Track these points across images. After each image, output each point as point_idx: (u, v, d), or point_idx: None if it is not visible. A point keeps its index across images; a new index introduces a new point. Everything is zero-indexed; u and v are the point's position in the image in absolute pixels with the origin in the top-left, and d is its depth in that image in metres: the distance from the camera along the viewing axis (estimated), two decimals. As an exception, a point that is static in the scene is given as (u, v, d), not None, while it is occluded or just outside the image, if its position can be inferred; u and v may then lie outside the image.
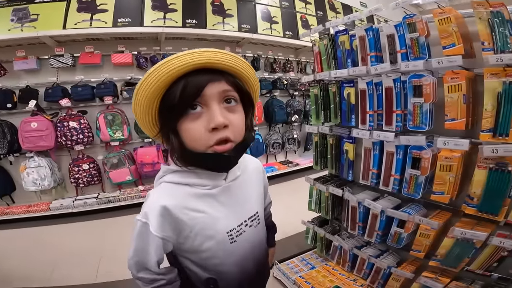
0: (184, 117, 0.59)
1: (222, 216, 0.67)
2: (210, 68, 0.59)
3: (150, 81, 0.57)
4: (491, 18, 0.87)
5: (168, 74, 0.56)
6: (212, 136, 0.58)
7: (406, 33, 1.10)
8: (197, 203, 0.65)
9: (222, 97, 0.60)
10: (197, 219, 0.64)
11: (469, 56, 0.98)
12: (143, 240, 0.63)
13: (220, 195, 0.67)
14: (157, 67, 0.56)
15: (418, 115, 1.07)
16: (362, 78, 1.33)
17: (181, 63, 0.56)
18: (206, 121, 0.58)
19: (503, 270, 1.07)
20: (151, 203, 0.63)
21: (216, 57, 0.59)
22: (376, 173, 1.38)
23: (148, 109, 0.61)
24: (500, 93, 0.86)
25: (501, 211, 0.98)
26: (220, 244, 0.66)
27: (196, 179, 0.65)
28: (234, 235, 0.68)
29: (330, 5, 4.78)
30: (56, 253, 2.38)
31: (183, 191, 0.65)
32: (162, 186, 0.66)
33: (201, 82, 0.58)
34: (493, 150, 0.86)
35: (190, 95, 0.57)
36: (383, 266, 1.45)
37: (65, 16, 2.92)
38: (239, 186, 0.71)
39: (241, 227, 0.70)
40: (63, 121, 2.99)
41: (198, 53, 0.57)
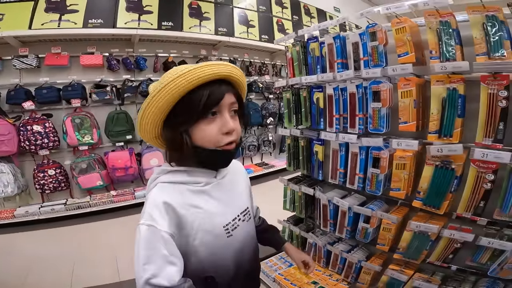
0: (202, 119, 0.67)
1: (218, 211, 0.72)
2: (224, 79, 0.69)
3: (180, 82, 0.63)
4: (439, 28, 0.97)
5: (199, 78, 0.63)
6: (224, 138, 0.68)
7: (368, 41, 1.19)
8: (194, 199, 0.69)
9: (231, 107, 0.70)
10: (196, 214, 0.68)
11: (421, 64, 1.08)
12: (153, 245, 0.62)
13: (213, 191, 0.73)
14: (188, 71, 0.63)
15: (377, 119, 1.17)
16: (329, 84, 1.41)
17: (211, 71, 0.64)
18: (219, 125, 0.67)
19: (460, 261, 1.15)
20: (153, 202, 0.66)
21: (232, 71, 0.70)
22: (343, 172, 1.46)
23: (167, 108, 0.66)
24: (445, 98, 0.97)
25: (443, 205, 1.08)
26: (218, 239, 0.71)
27: (190, 177, 0.71)
28: (230, 228, 0.73)
29: (306, 10, 4.95)
30: (27, 260, 2.28)
31: (180, 188, 0.69)
32: (159, 186, 0.70)
33: (222, 92, 0.67)
34: (438, 150, 0.97)
35: (213, 102, 0.66)
36: (354, 260, 1.52)
37: (31, 16, 2.79)
38: (228, 183, 0.78)
39: (235, 221, 0.75)
40: (27, 125, 2.83)
41: (222, 65, 0.67)
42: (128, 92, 3.29)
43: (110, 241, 2.62)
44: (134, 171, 3.27)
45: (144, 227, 0.63)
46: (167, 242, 0.63)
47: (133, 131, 3.37)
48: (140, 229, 0.64)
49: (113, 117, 3.23)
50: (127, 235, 2.71)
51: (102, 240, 2.67)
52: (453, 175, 1.02)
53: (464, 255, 1.13)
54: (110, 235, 2.74)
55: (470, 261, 1.11)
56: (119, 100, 3.28)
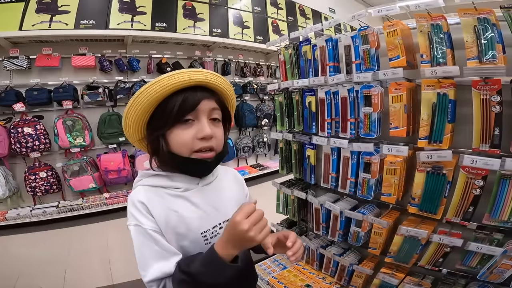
0: (177, 125, 0.67)
1: (195, 217, 0.71)
2: (204, 86, 0.70)
3: (155, 88, 0.65)
4: (430, 31, 0.96)
5: (173, 85, 0.65)
6: (199, 143, 0.67)
7: (360, 44, 1.18)
8: (172, 203, 0.70)
9: (210, 114, 0.70)
10: (170, 216, 0.68)
11: (412, 68, 1.07)
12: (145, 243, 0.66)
13: (192, 196, 0.72)
14: (164, 77, 0.65)
15: (368, 123, 1.16)
16: (321, 88, 1.40)
17: (186, 78, 0.66)
18: (195, 131, 0.67)
19: (451, 265, 1.15)
20: (131, 203, 0.68)
21: (211, 78, 0.70)
22: (335, 176, 1.45)
23: (145, 113, 0.68)
24: (435, 104, 0.96)
25: (439, 210, 1.08)
26: (194, 245, 0.70)
27: (169, 182, 0.71)
28: (208, 236, 0.72)
29: (301, 11, 4.95)
30: (18, 264, 2.24)
31: (159, 192, 0.70)
32: (139, 188, 0.72)
33: (198, 98, 0.67)
34: (428, 156, 0.96)
35: (188, 108, 0.66)
36: (346, 263, 1.52)
37: (22, 17, 2.76)
38: (213, 190, 0.76)
39: (215, 229, 0.73)
40: (17, 127, 2.78)
41: (197, 72, 0.68)
42: (121, 94, 3.25)
43: (103, 244, 2.59)
44: (127, 173, 3.24)
45: (132, 227, 0.67)
46: (156, 238, 0.66)
47: (126, 133, 3.33)
48: (130, 229, 0.68)
49: (106, 119, 3.19)
50: (120, 237, 2.68)
51: (95, 243, 2.64)
52: (445, 180, 1.01)
53: (454, 259, 1.13)
54: (103, 238, 2.71)
55: (460, 265, 1.11)
56: (111, 101, 3.24)
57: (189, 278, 0.61)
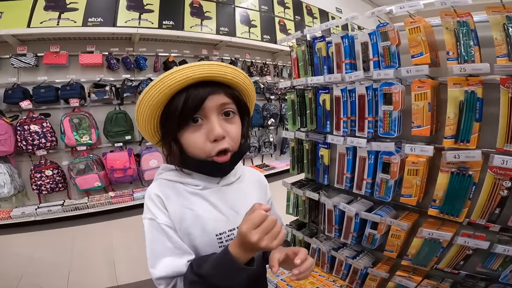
0: (185, 128, 0.63)
1: (211, 217, 0.67)
2: (210, 80, 0.63)
3: (152, 94, 0.60)
4: (457, 28, 0.93)
5: (170, 87, 0.59)
6: (213, 147, 0.62)
7: (379, 41, 1.15)
8: (189, 199, 0.67)
9: (221, 109, 0.64)
10: (185, 213, 0.65)
11: (435, 65, 1.04)
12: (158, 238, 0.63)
13: (210, 196, 0.68)
14: (159, 80, 0.60)
15: (388, 122, 1.12)
16: (337, 85, 1.37)
17: (182, 77, 0.59)
18: (206, 132, 0.62)
19: (471, 267, 1.12)
20: (148, 196, 0.66)
21: (216, 70, 0.62)
22: (349, 177, 1.42)
23: (150, 119, 0.65)
24: (462, 102, 0.92)
25: (462, 212, 1.04)
26: (208, 246, 0.66)
27: (189, 179, 0.68)
28: (223, 239, 0.67)
29: (308, 10, 4.92)
30: (21, 263, 2.23)
31: (177, 187, 0.68)
32: (158, 182, 0.69)
33: (202, 95, 0.61)
34: (455, 156, 0.92)
35: (191, 107, 0.60)
36: (359, 266, 1.49)
37: (30, 14, 2.75)
38: (233, 192, 0.72)
39: (232, 232, 0.69)
40: (24, 125, 2.78)
41: (199, 66, 0.61)
42: (128, 92, 3.24)
43: (107, 243, 2.57)
44: (133, 172, 3.22)
45: (146, 221, 0.65)
46: (169, 234, 0.63)
47: (132, 131, 3.32)
48: (143, 223, 0.65)
49: (112, 117, 3.18)
50: (125, 237, 2.67)
51: (99, 242, 2.62)
52: (471, 182, 0.97)
53: (475, 261, 1.10)
54: (107, 237, 2.69)
55: (481, 267, 1.08)
56: (118, 100, 3.23)
57: (201, 279, 0.57)
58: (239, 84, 0.69)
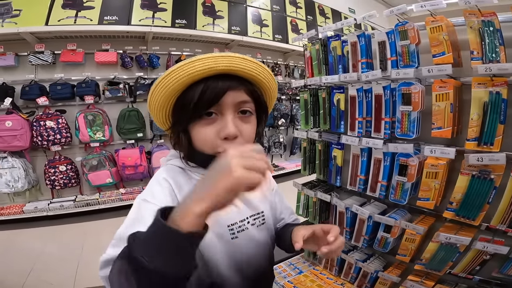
0: (197, 120, 0.60)
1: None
2: (231, 74, 0.60)
3: (170, 79, 0.57)
4: (482, 27, 0.90)
5: (189, 76, 0.56)
6: (222, 144, 0.59)
7: (398, 40, 1.12)
8: None
9: (238, 107, 0.61)
10: None
11: (457, 65, 1.01)
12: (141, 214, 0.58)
13: None
14: (179, 67, 0.56)
15: (406, 123, 1.09)
16: (352, 85, 1.35)
17: (202, 67, 0.56)
18: (218, 128, 0.59)
19: (485, 273, 1.09)
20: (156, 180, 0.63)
21: (239, 64, 0.59)
22: (363, 179, 1.39)
23: (164, 106, 0.63)
24: (486, 103, 0.89)
25: (479, 216, 1.01)
26: (221, 238, 0.64)
27: (198, 168, 0.66)
28: (235, 230, 0.66)
29: (320, 10, 4.88)
30: (31, 258, 2.27)
31: (185, 174, 0.66)
32: (168, 167, 0.67)
33: (220, 89, 0.57)
34: (479, 159, 0.89)
35: (207, 101, 0.57)
36: (370, 270, 1.46)
37: (48, 12, 2.82)
38: None
39: (243, 223, 0.68)
40: (40, 120, 2.85)
41: (221, 57, 0.57)
42: (141, 90, 3.28)
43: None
44: (144, 170, 3.26)
45: (139, 201, 0.61)
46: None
47: (144, 129, 3.36)
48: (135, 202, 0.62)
49: (125, 115, 3.22)
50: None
51: (108, 239, 2.63)
52: (492, 185, 0.94)
53: (491, 266, 1.07)
54: (117, 234, 2.73)
55: (497, 273, 1.05)
56: (131, 97, 3.28)
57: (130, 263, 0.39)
58: (261, 81, 0.65)
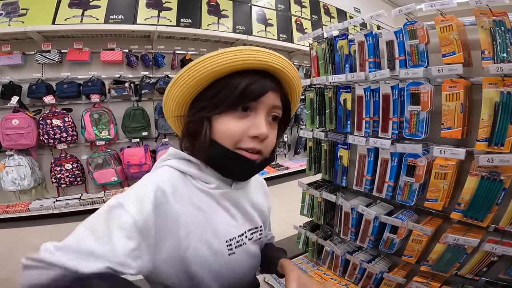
0: (230, 111, 0.56)
1: (223, 222, 0.60)
2: (272, 73, 0.58)
3: (221, 59, 0.53)
4: (493, 27, 0.89)
5: (244, 62, 0.53)
6: (248, 141, 0.56)
7: (406, 39, 1.11)
8: (199, 197, 0.57)
9: (271, 111, 0.59)
10: (195, 215, 0.55)
11: (467, 65, 1.00)
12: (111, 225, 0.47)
13: (222, 198, 0.61)
14: (232, 51, 0.53)
15: (415, 123, 1.08)
16: (359, 84, 1.34)
17: (262, 58, 0.54)
18: (249, 125, 0.56)
19: (492, 274, 1.09)
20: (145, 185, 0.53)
21: (285, 65, 0.58)
22: (370, 179, 1.38)
23: (197, 86, 0.57)
24: (498, 103, 0.88)
25: (487, 218, 1.00)
26: (216, 255, 0.56)
27: (201, 173, 0.59)
28: (234, 245, 0.60)
29: (325, 9, 4.85)
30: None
31: (186, 180, 0.58)
32: (166, 170, 0.58)
33: (266, 87, 0.56)
34: (489, 160, 0.88)
35: (251, 95, 0.54)
36: (375, 271, 1.45)
37: (55, 11, 2.83)
38: (244, 197, 0.66)
39: (242, 237, 0.62)
40: (46, 119, 2.87)
41: (271, 54, 0.56)
42: (146, 89, 3.29)
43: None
44: (149, 168, 3.27)
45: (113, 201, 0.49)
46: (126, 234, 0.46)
47: (149, 127, 3.37)
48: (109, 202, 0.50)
49: (130, 113, 3.24)
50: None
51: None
52: (501, 187, 0.93)
53: (498, 268, 1.06)
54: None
55: (504, 274, 1.05)
56: (136, 96, 3.29)
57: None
58: (296, 87, 0.63)
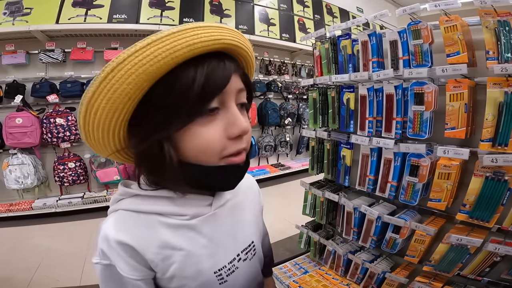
0: (195, 119, 0.41)
1: (207, 253, 0.52)
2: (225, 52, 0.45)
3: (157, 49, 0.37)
4: (497, 27, 0.89)
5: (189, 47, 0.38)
6: (232, 145, 0.44)
7: (410, 39, 1.11)
8: (171, 238, 0.48)
9: (238, 97, 0.46)
10: (171, 258, 0.48)
11: (471, 65, 1.00)
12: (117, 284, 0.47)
13: (203, 226, 0.51)
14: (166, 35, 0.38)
15: (418, 123, 1.08)
16: (362, 84, 1.34)
17: (208, 37, 0.39)
18: (224, 126, 0.43)
19: (495, 274, 1.09)
20: (106, 240, 0.46)
21: (239, 38, 0.45)
22: (373, 179, 1.38)
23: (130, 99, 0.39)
24: (502, 103, 0.88)
25: (493, 218, 1.00)
26: (205, 286, 0.52)
27: (170, 207, 0.49)
28: (224, 274, 0.53)
29: (328, 9, 4.84)
30: (38, 254, 2.29)
31: (149, 221, 0.48)
32: (116, 216, 0.49)
33: (229, 71, 0.42)
34: (493, 160, 0.88)
35: (214, 87, 0.40)
36: (377, 271, 1.46)
37: (59, 10, 2.85)
38: (229, 213, 0.56)
39: (233, 263, 0.55)
40: (50, 118, 2.89)
41: (222, 28, 0.42)
42: (148, 88, 3.31)
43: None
44: (151, 167, 3.29)
45: (100, 266, 0.47)
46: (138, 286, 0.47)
47: (151, 127, 3.38)
48: (96, 268, 0.48)
49: (132, 112, 3.25)
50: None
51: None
52: (506, 187, 0.93)
53: (501, 269, 1.06)
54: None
55: (506, 274, 1.05)
56: (139, 95, 3.30)
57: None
58: (251, 62, 0.52)
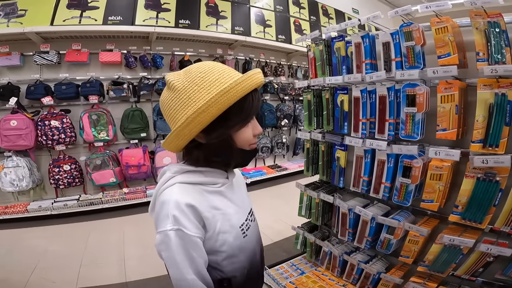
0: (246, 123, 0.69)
1: (233, 212, 0.72)
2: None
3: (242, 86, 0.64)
4: (487, 29, 0.89)
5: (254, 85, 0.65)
6: (254, 139, 0.72)
7: (402, 41, 1.12)
8: (212, 200, 0.69)
9: None
10: (216, 216, 0.67)
11: (462, 66, 1.00)
12: (187, 249, 0.62)
13: (227, 192, 0.73)
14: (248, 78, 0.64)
15: (411, 125, 1.09)
16: (356, 86, 1.34)
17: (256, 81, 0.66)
18: (252, 128, 0.71)
19: (488, 275, 1.10)
20: (175, 204, 0.62)
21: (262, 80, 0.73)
22: (367, 180, 1.39)
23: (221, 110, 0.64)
24: (492, 105, 0.89)
25: (485, 219, 1.01)
26: (236, 240, 0.70)
27: (208, 178, 0.70)
28: (244, 228, 0.73)
29: (324, 10, 4.86)
30: (34, 257, 2.27)
31: (199, 189, 0.68)
32: (179, 187, 0.66)
33: (260, 100, 0.72)
34: (484, 161, 0.89)
35: (257, 109, 0.69)
36: (372, 271, 1.46)
37: (53, 12, 2.83)
38: (236, 185, 0.79)
39: (247, 221, 0.76)
40: (44, 120, 2.87)
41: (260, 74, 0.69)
42: (144, 90, 3.30)
43: (119, 240, 2.61)
44: (147, 169, 3.27)
45: (173, 232, 0.61)
46: (199, 248, 0.64)
47: (148, 128, 3.37)
48: (168, 235, 0.61)
49: (129, 114, 3.24)
50: (136, 234, 2.70)
51: (111, 238, 2.66)
52: (498, 188, 0.93)
53: (494, 269, 1.07)
54: (119, 234, 2.73)
55: (500, 275, 1.05)
56: (135, 97, 3.29)
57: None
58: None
